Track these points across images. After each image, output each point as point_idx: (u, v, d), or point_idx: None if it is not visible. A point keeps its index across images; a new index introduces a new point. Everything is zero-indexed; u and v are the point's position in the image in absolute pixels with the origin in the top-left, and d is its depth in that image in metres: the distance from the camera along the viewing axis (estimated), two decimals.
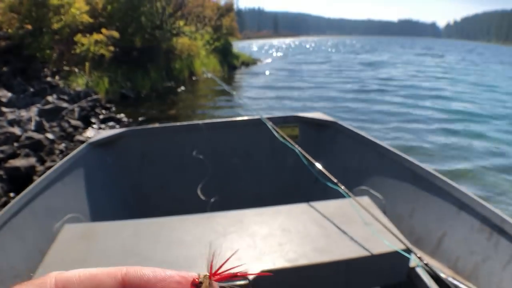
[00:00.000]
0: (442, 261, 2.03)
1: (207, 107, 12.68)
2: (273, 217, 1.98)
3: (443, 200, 2.23)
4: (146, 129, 3.68)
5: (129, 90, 12.63)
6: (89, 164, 3.04)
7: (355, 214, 1.92)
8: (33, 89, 9.43)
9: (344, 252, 1.65)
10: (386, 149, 2.82)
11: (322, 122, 3.58)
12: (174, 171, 3.54)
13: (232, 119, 3.81)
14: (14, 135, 6.96)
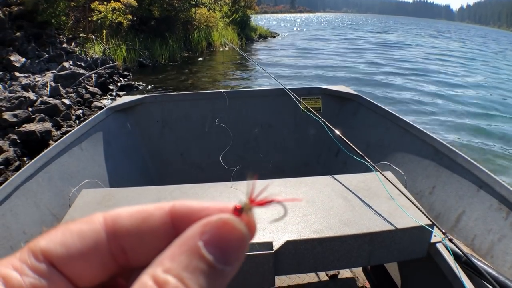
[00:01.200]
0: (460, 239, 2.04)
1: (225, 78, 12.20)
2: (297, 188, 1.98)
3: (463, 178, 2.24)
4: (167, 96, 3.56)
5: (147, 59, 12.24)
6: (108, 129, 2.95)
7: (379, 188, 1.91)
8: (48, 55, 9.01)
9: (368, 225, 1.64)
10: (409, 124, 2.80)
11: (345, 95, 3.51)
12: (194, 139, 3.47)
13: (254, 89, 3.79)
14: (29, 99, 6.57)
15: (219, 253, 0.33)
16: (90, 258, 0.35)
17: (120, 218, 0.35)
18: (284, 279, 2.37)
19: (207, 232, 0.34)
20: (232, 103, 3.50)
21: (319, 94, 3.58)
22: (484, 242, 1.95)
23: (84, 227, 0.36)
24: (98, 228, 0.36)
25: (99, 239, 0.35)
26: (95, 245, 0.35)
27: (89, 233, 0.35)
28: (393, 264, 2.33)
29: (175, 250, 0.33)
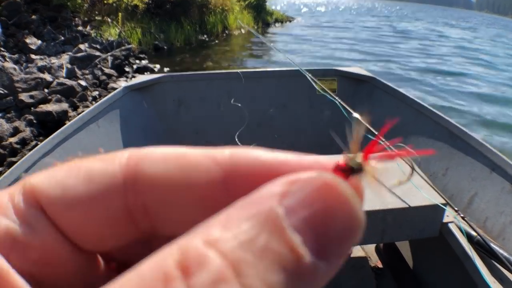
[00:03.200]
0: (472, 220, 2.02)
1: (241, 61, 12.13)
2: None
3: (476, 160, 2.25)
4: (183, 75, 3.61)
5: (162, 41, 12.15)
6: (124, 107, 2.98)
7: (393, 167, 1.50)
8: (64, 38, 8.98)
9: (383, 202, 1.65)
10: (423, 107, 2.84)
11: (360, 77, 3.52)
12: (210, 118, 3.50)
13: (270, 69, 3.75)
14: (45, 80, 6.55)
15: (312, 235, 0.19)
16: (94, 210, 0.24)
17: (148, 161, 0.24)
18: None
19: (295, 194, 0.20)
20: (248, 83, 3.50)
21: (334, 76, 3.59)
22: (496, 224, 1.96)
23: (97, 166, 0.24)
24: (115, 170, 0.24)
25: (112, 185, 0.24)
26: (103, 194, 0.23)
27: (100, 175, 0.24)
28: (405, 244, 2.33)
29: (234, 213, 0.20)
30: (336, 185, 0.21)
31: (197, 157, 0.24)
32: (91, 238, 0.25)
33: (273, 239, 0.19)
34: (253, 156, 0.24)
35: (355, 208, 0.21)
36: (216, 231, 0.19)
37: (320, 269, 0.20)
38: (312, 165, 0.24)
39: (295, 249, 0.19)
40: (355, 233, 0.21)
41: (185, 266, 0.18)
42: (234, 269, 0.18)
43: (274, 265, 0.18)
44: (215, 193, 0.24)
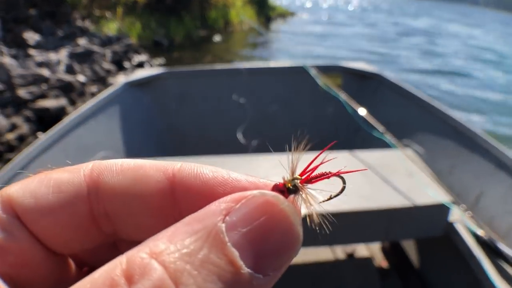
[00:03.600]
0: (478, 219, 2.00)
1: (243, 57, 12.01)
2: (316, 163, 1.60)
3: (482, 158, 2.23)
4: (185, 71, 3.55)
5: (162, 37, 12.07)
6: (124, 103, 2.93)
7: (399, 164, 1.90)
8: (62, 33, 8.89)
9: (387, 201, 1.62)
10: (429, 104, 2.79)
11: (365, 73, 3.48)
12: (212, 114, 3.46)
13: (273, 66, 3.70)
14: (43, 76, 6.47)
15: (251, 250, 0.22)
16: (63, 217, 0.27)
17: (108, 172, 0.28)
18: (300, 256, 2.28)
19: (237, 211, 0.23)
20: (250, 79, 3.46)
21: (339, 71, 3.55)
22: (503, 223, 1.92)
23: (65, 177, 0.28)
24: (80, 181, 0.28)
25: (78, 193, 0.27)
26: (71, 201, 0.27)
27: (67, 185, 0.28)
28: (410, 244, 2.31)
29: (180, 228, 0.23)
30: (277, 202, 0.23)
31: (150, 170, 0.28)
32: (61, 241, 0.28)
33: (213, 252, 0.21)
34: (198, 171, 0.28)
35: (293, 224, 0.23)
36: (162, 244, 0.21)
37: (256, 281, 0.21)
38: (252, 184, 0.26)
39: (233, 262, 0.21)
40: (292, 247, 0.23)
41: (129, 274, 0.20)
42: (174, 278, 0.20)
43: (212, 276, 0.20)
44: (164, 203, 0.28)
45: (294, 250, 0.24)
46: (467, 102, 8.72)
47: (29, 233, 0.27)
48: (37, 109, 5.66)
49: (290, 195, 0.27)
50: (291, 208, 0.24)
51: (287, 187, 0.27)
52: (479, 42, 19.30)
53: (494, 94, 9.60)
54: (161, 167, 0.28)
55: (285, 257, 0.23)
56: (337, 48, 14.36)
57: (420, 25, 26.16)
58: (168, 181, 0.27)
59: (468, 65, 12.88)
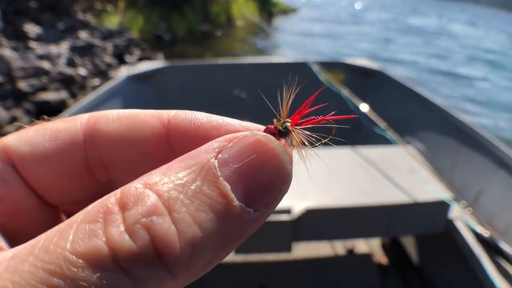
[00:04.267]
0: (478, 217, 2.03)
1: (245, 52, 11.91)
2: (317, 158, 1.56)
3: (483, 157, 2.23)
4: (187, 65, 3.58)
5: (164, 31, 11.99)
6: (126, 96, 2.95)
7: (400, 161, 1.91)
8: (64, 26, 8.84)
9: (388, 197, 1.63)
10: (431, 101, 2.80)
11: (367, 70, 3.50)
12: (213, 108, 3.26)
13: (275, 61, 3.72)
14: (44, 69, 6.43)
15: (242, 185, 0.23)
16: (58, 164, 0.28)
17: (104, 120, 0.28)
18: (301, 250, 2.30)
19: (230, 149, 0.24)
20: (252, 73, 3.47)
21: (341, 68, 3.57)
22: (502, 221, 1.94)
23: (61, 126, 0.28)
24: (76, 129, 0.28)
25: (74, 141, 0.28)
26: (67, 149, 0.28)
27: (64, 133, 0.28)
28: (409, 240, 2.32)
29: (174, 163, 0.24)
30: (267, 141, 0.24)
31: (145, 117, 0.28)
32: (55, 191, 0.29)
33: (205, 185, 0.22)
34: (193, 117, 0.28)
35: (283, 162, 0.24)
36: (156, 177, 0.22)
37: (247, 214, 0.22)
38: (244, 127, 0.27)
39: (225, 195, 0.22)
40: (281, 184, 0.24)
41: (124, 202, 0.21)
42: (168, 206, 0.21)
43: (205, 206, 0.21)
44: (159, 148, 0.28)
45: (284, 187, 0.24)
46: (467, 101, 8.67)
47: (23, 182, 0.27)
48: (38, 101, 5.63)
49: (282, 137, 0.28)
50: (281, 147, 0.24)
51: (278, 129, 0.28)
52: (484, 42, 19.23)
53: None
54: (156, 114, 0.28)
55: (275, 194, 0.24)
56: (339, 47, 14.31)
57: (422, 24, 26.07)
58: (163, 127, 0.28)
59: (472, 66, 12.82)
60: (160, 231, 0.20)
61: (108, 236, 0.20)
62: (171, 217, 0.21)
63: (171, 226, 0.20)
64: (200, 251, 0.21)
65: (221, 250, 0.22)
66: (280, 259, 2.16)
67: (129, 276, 0.20)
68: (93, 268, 0.20)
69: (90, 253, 0.20)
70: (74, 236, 0.21)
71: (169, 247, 0.20)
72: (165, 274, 0.21)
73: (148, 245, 0.20)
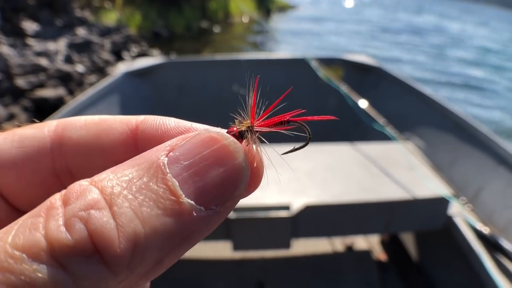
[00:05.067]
0: (478, 213, 2.02)
1: (244, 49, 11.89)
2: (316, 154, 1.95)
3: (483, 153, 2.22)
4: (185, 61, 3.57)
5: (162, 28, 11.95)
6: (124, 92, 2.94)
7: (400, 157, 1.90)
8: (61, 23, 8.80)
9: (388, 193, 1.62)
10: (430, 97, 2.81)
11: (366, 66, 3.49)
12: (211, 104, 3.45)
13: (275, 57, 3.70)
14: (41, 66, 6.41)
15: (192, 182, 0.22)
16: (26, 172, 0.27)
17: (72, 127, 0.28)
18: (300, 247, 2.30)
19: (181, 147, 0.23)
20: (251, 69, 3.38)
21: (340, 64, 3.57)
22: (501, 217, 1.95)
23: (29, 132, 0.28)
24: (44, 136, 0.28)
25: (41, 148, 0.27)
26: (34, 156, 0.27)
27: (31, 140, 0.28)
28: (408, 237, 2.32)
29: (125, 163, 0.23)
30: (221, 138, 0.23)
31: (113, 122, 0.28)
32: (24, 198, 0.28)
33: (152, 181, 0.21)
34: (161, 122, 0.28)
35: (235, 158, 0.23)
36: (104, 174, 0.22)
37: (198, 212, 0.21)
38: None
39: (172, 191, 0.21)
40: (235, 182, 0.23)
41: (67, 198, 0.21)
42: (109, 200, 0.21)
43: (150, 202, 0.21)
44: (127, 155, 0.27)
45: (238, 185, 0.23)
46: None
47: None
48: (35, 98, 5.62)
49: (245, 141, 0.27)
50: (235, 143, 0.24)
51: (241, 132, 0.26)
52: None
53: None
54: (124, 119, 0.28)
55: (229, 191, 0.23)
56: (335, 44, 14.29)
57: (421, 22, 26.04)
58: (131, 133, 0.27)
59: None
60: (97, 224, 0.20)
61: (47, 230, 0.20)
62: (111, 211, 0.20)
63: (110, 220, 0.20)
64: (144, 248, 0.20)
65: (170, 249, 0.21)
66: (279, 255, 2.16)
67: (66, 270, 0.20)
68: (30, 261, 0.20)
69: (28, 246, 0.20)
70: (17, 231, 0.21)
71: (107, 242, 0.20)
72: (105, 271, 0.20)
73: (85, 239, 0.20)
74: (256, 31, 15.50)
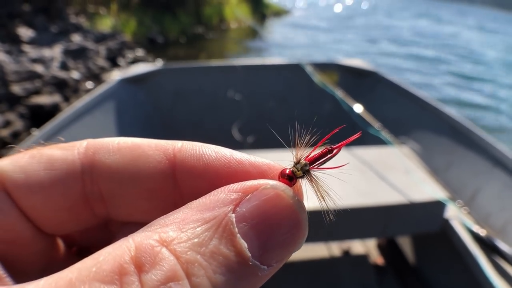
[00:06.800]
0: (474, 216, 2.03)
1: (239, 54, 11.95)
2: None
3: (479, 156, 2.24)
4: (180, 67, 3.56)
5: (157, 34, 11.97)
6: (120, 99, 2.92)
7: (396, 161, 1.91)
8: (56, 29, 8.83)
9: (383, 198, 1.63)
10: (426, 101, 2.81)
11: (361, 71, 3.49)
12: (207, 110, 3.44)
13: (270, 63, 3.69)
14: (37, 73, 6.43)
15: (259, 242, 0.22)
16: (54, 195, 0.26)
17: (104, 151, 0.26)
18: (297, 253, 2.24)
19: (247, 202, 0.22)
20: (247, 75, 3.44)
21: (335, 69, 3.55)
22: (498, 219, 1.95)
23: (58, 154, 0.26)
24: (73, 158, 0.26)
25: (71, 172, 0.26)
26: (63, 180, 0.25)
27: (60, 162, 0.26)
28: (405, 240, 2.33)
29: (190, 214, 0.22)
30: (286, 196, 0.23)
31: (149, 149, 0.26)
32: (51, 221, 0.27)
33: (223, 243, 0.21)
34: (201, 152, 0.26)
35: (300, 219, 0.23)
36: (171, 231, 0.21)
37: (261, 271, 0.22)
38: (263, 169, 0.25)
39: (241, 254, 0.21)
40: (297, 241, 0.23)
41: (140, 262, 0.20)
42: (186, 269, 0.20)
43: (222, 268, 0.20)
44: (164, 185, 0.26)
45: (299, 244, 0.24)
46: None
47: (18, 210, 0.26)
48: (31, 105, 5.62)
49: (298, 179, 0.27)
50: (299, 203, 0.24)
51: (295, 174, 0.26)
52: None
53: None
54: (161, 146, 0.27)
55: (290, 250, 0.24)
56: (326, 43, 14.39)
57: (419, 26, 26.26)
58: (169, 162, 0.26)
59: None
60: None
61: None
62: (190, 282, 0.20)
63: None
64: None
65: None
66: None
67: None
68: None
69: None
70: None
71: None
72: None
73: None
74: (251, 35, 15.57)
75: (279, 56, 10.99)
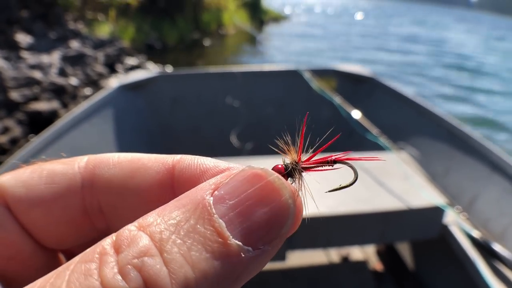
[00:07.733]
0: (473, 221, 2.03)
1: (236, 60, 11.98)
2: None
3: (477, 161, 2.24)
4: (179, 73, 3.57)
5: (156, 40, 12.00)
6: (118, 106, 2.93)
7: (394, 167, 1.90)
8: (55, 35, 8.84)
9: (382, 204, 1.63)
10: (423, 107, 2.82)
11: (359, 77, 3.50)
12: (205, 117, 3.45)
13: (267, 69, 3.70)
14: (35, 79, 6.43)
15: (239, 222, 0.22)
16: (55, 209, 0.26)
17: (104, 165, 0.26)
18: (296, 259, 2.29)
19: (225, 185, 0.22)
20: (245, 81, 3.45)
21: (333, 75, 3.56)
22: (498, 225, 1.95)
23: (58, 168, 0.27)
24: (74, 173, 0.27)
25: (72, 186, 0.26)
26: (64, 194, 0.26)
27: (61, 177, 0.27)
28: (404, 247, 2.32)
29: (170, 203, 0.23)
30: (266, 175, 0.22)
31: (148, 161, 0.27)
32: (52, 236, 0.27)
33: (199, 223, 0.21)
34: (199, 162, 0.27)
35: (282, 196, 0.22)
36: (150, 218, 0.22)
37: (246, 252, 0.21)
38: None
39: (220, 233, 0.21)
40: (281, 220, 0.22)
41: (118, 244, 0.21)
42: (159, 247, 0.20)
43: (198, 245, 0.20)
44: (163, 196, 0.27)
45: (284, 223, 0.23)
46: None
47: (19, 224, 0.26)
48: (29, 112, 5.62)
49: (289, 178, 0.26)
50: (280, 180, 0.23)
51: (288, 170, 0.26)
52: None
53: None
54: (160, 158, 0.27)
55: (275, 230, 0.22)
56: (325, 49, 14.44)
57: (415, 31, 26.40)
58: (168, 173, 0.26)
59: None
60: (151, 272, 0.20)
61: (102, 277, 0.20)
62: (163, 258, 0.20)
63: (163, 268, 0.20)
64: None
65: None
66: (275, 268, 2.15)
67: None
68: None
69: None
70: (70, 276, 0.20)
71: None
72: None
73: (141, 287, 0.20)
74: (249, 41, 15.62)
75: (277, 62, 11.03)
